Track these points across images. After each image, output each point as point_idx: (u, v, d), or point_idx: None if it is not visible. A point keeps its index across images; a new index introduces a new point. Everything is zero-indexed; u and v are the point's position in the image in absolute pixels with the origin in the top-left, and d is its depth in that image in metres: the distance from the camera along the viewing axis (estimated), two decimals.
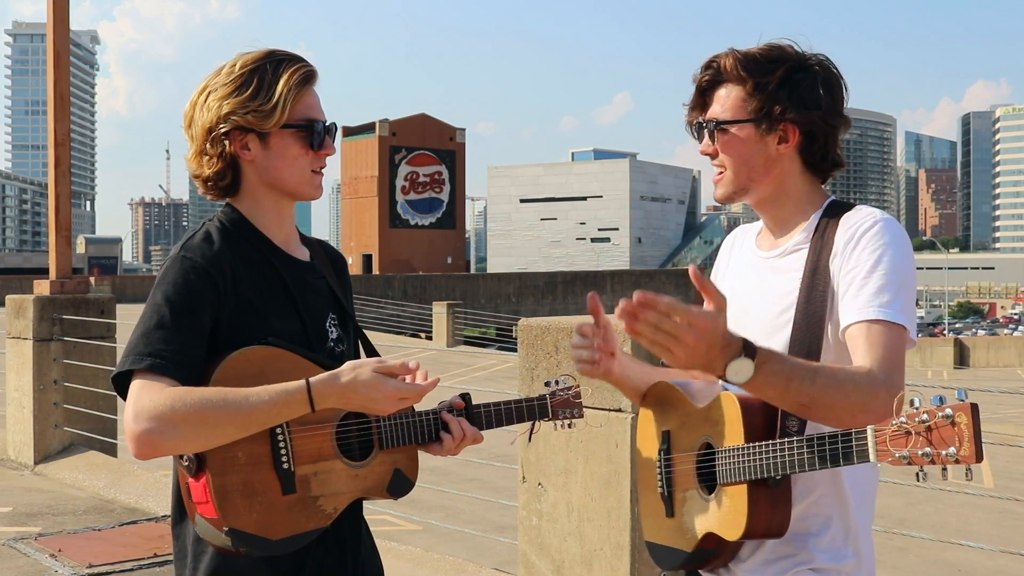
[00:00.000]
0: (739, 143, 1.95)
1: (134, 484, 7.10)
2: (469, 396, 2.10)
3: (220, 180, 1.96)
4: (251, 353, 1.83)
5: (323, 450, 1.88)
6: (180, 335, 1.79)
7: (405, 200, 70.18)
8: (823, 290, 1.86)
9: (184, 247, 1.89)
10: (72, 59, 65.29)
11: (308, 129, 1.94)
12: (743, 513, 1.79)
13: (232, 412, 1.73)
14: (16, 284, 27.31)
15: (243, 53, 1.96)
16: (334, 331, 2.04)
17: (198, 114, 1.93)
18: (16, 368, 8.00)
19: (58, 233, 8.41)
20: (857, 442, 1.58)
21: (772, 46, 1.96)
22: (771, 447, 1.73)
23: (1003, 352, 35.69)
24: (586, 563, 3.49)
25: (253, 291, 1.91)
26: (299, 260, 2.04)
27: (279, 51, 1.96)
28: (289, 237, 2.05)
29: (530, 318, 3.73)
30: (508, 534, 5.60)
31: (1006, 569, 6.79)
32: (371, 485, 1.95)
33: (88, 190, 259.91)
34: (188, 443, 1.74)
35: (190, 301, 1.82)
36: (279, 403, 1.76)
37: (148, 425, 1.71)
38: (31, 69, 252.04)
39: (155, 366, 1.75)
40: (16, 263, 78.96)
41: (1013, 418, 16.31)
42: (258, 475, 1.80)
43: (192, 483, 1.81)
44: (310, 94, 1.96)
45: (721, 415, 1.85)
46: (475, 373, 19.43)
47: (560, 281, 50.91)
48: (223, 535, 1.79)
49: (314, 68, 1.96)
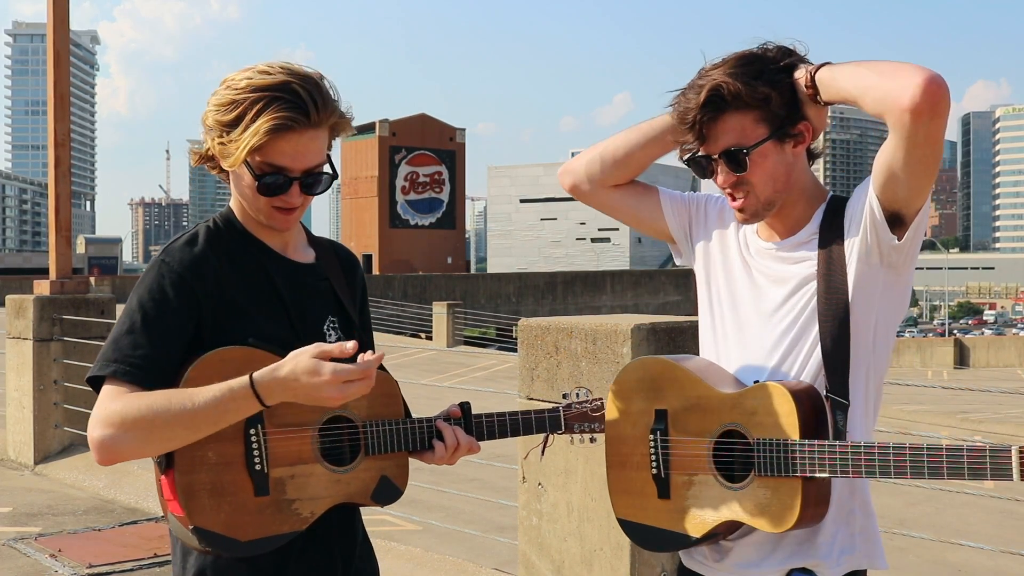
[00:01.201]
0: (764, 162, 1.91)
1: (134, 484, 7.10)
2: (468, 405, 2.06)
3: (212, 166, 1.94)
4: (227, 353, 1.81)
5: (302, 453, 1.85)
6: (148, 341, 1.79)
7: (405, 200, 70.16)
8: (842, 279, 1.87)
9: (165, 251, 1.89)
10: (72, 59, 65.31)
11: (259, 178, 1.86)
12: (795, 508, 1.78)
13: (176, 414, 1.71)
14: (16, 284, 27.31)
15: (260, 70, 1.86)
16: (332, 334, 2.00)
17: (210, 101, 1.89)
18: (16, 368, 8.00)
19: (58, 233, 8.41)
20: (997, 460, 1.60)
21: (746, 55, 1.91)
22: (872, 450, 1.72)
23: (1003, 352, 35.68)
24: (586, 563, 3.49)
25: (239, 292, 1.89)
26: (297, 263, 2.01)
27: (290, 82, 1.83)
28: (288, 239, 2.01)
29: (530, 318, 3.73)
30: (508, 534, 5.60)
31: (1006, 569, 6.79)
32: (355, 491, 1.92)
33: (88, 190, 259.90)
34: (141, 448, 1.74)
35: (163, 307, 1.81)
36: (225, 400, 1.72)
37: (102, 432, 1.73)
38: (31, 69, 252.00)
39: (119, 372, 1.76)
40: (16, 263, 78.91)
41: (1013, 418, 16.30)
42: (229, 475, 1.79)
43: (164, 480, 1.82)
44: (288, 141, 1.83)
45: (761, 406, 1.82)
46: (475, 373, 19.42)
47: (560, 281, 50.88)
48: (189, 533, 1.79)
49: (300, 116, 1.81)
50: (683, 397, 1.94)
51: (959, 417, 16.04)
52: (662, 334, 3.38)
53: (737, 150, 1.89)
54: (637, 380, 2.01)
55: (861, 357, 1.90)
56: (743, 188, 1.92)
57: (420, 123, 71.64)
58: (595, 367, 3.42)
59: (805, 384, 1.87)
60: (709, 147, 1.92)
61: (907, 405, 17.73)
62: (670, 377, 1.96)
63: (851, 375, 1.88)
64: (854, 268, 1.87)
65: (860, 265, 1.87)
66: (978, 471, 1.60)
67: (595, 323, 3.48)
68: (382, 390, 1.94)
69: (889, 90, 1.72)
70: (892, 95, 1.71)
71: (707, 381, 1.92)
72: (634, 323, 3.37)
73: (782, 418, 1.79)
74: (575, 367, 3.48)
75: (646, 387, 1.99)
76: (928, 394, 20.91)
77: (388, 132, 69.52)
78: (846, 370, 1.87)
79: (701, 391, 1.91)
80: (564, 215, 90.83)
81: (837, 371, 1.87)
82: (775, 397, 1.81)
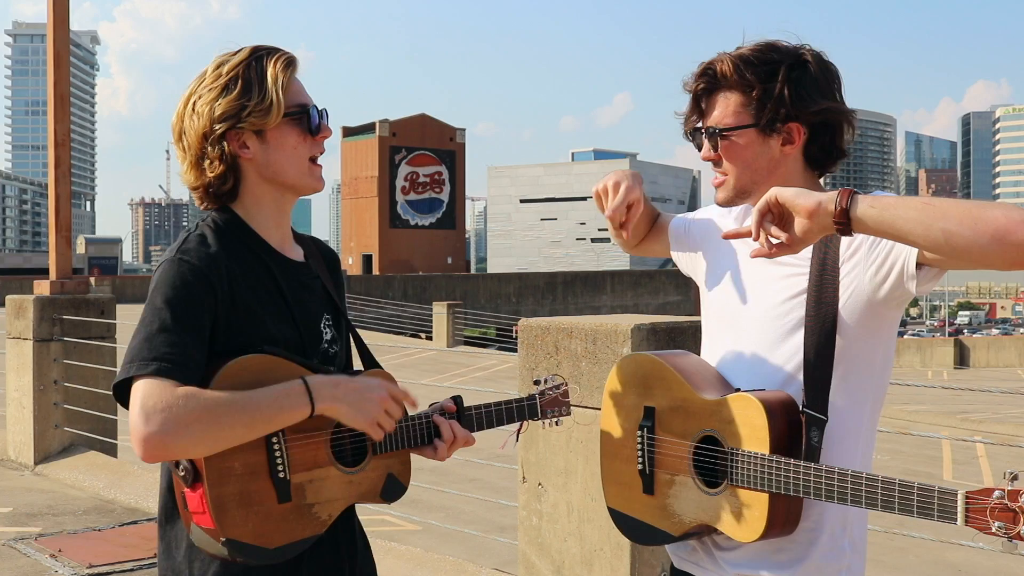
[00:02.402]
0: (741, 148, 1.93)
1: (134, 484, 7.10)
2: (460, 399, 2.10)
3: (222, 184, 1.91)
4: (247, 362, 1.82)
5: (318, 457, 1.87)
6: (183, 338, 1.76)
7: (405, 200, 70.12)
8: (833, 292, 1.84)
9: (180, 250, 1.86)
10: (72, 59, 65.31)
11: (303, 115, 1.93)
12: (761, 520, 1.79)
13: (239, 410, 1.73)
14: (16, 284, 27.31)
15: (221, 55, 1.93)
16: (328, 332, 2.03)
17: (188, 123, 1.90)
18: (16, 368, 8.00)
19: (58, 233, 8.41)
20: (942, 502, 1.55)
21: (765, 45, 1.94)
22: (832, 475, 1.69)
23: (1003, 352, 35.69)
24: (586, 563, 3.49)
25: (249, 293, 1.88)
26: (294, 261, 2.02)
27: (258, 46, 1.94)
28: (285, 237, 2.02)
29: (530, 318, 3.73)
30: (508, 534, 5.60)
31: (1006, 569, 6.79)
32: (365, 490, 1.96)
33: (88, 190, 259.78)
34: (198, 444, 1.71)
35: (190, 304, 1.79)
36: (280, 397, 1.77)
37: (159, 425, 1.68)
38: (31, 69, 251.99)
39: (161, 370, 1.72)
40: (16, 263, 78.91)
41: (1013, 418, 16.30)
42: (254, 485, 1.80)
43: (188, 493, 1.79)
44: (295, 81, 1.94)
45: (737, 416, 1.82)
46: (475, 373, 19.42)
47: (560, 281, 50.87)
48: (219, 545, 1.78)
49: (294, 54, 1.95)
50: (670, 397, 1.95)
51: (959, 417, 16.05)
52: (662, 334, 3.38)
53: (714, 129, 1.95)
54: (631, 374, 2.04)
55: (848, 372, 1.86)
56: (721, 169, 1.99)
57: (420, 123, 71.59)
58: (595, 367, 3.42)
59: (784, 397, 1.84)
60: (705, 120, 1.99)
61: (907, 405, 17.73)
62: (659, 376, 1.98)
63: (832, 390, 1.83)
64: (851, 292, 1.84)
65: (857, 292, 1.83)
66: (925, 510, 1.57)
67: (595, 323, 3.48)
68: None
69: (977, 248, 1.58)
70: (983, 258, 1.59)
71: (692, 384, 1.92)
72: (634, 323, 3.37)
73: (754, 431, 1.79)
74: (575, 367, 3.48)
75: (638, 382, 2.02)
76: (928, 394, 20.91)
77: (388, 132, 69.49)
78: (827, 385, 1.83)
79: (685, 393, 1.92)
80: (564, 215, 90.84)
81: (816, 385, 1.83)
82: (750, 409, 1.80)
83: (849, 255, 1.85)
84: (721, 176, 1.99)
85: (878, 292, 1.82)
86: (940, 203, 1.60)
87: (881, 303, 1.84)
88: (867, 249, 1.82)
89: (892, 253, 1.78)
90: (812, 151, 1.96)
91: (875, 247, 1.81)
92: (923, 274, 1.76)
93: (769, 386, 1.88)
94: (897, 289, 1.79)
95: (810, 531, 1.88)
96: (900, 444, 12.12)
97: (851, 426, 1.89)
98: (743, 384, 1.90)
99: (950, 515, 1.54)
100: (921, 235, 1.60)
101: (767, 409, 1.78)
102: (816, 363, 1.83)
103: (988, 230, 1.55)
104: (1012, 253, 1.55)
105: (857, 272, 1.83)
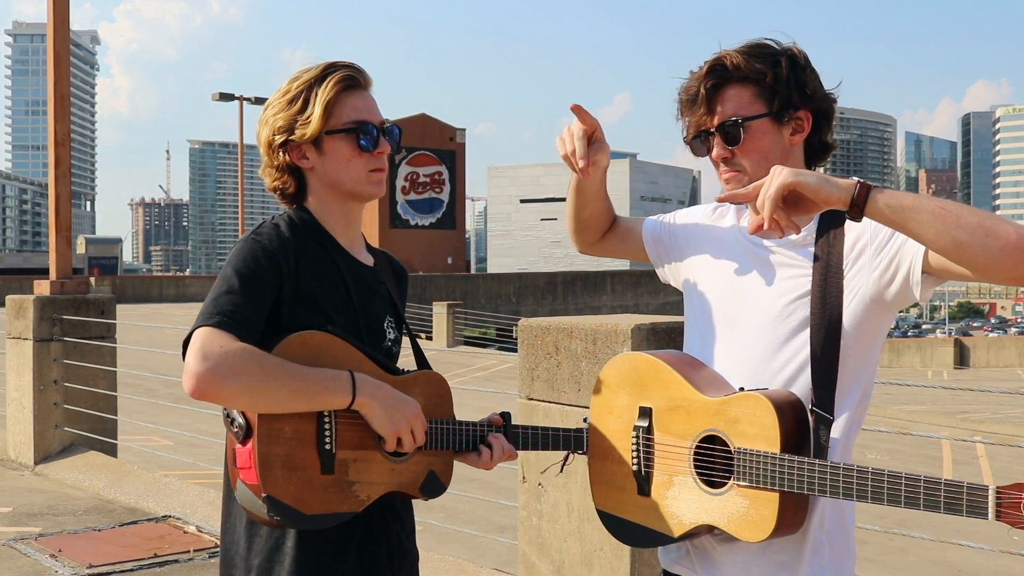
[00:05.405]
0: (760, 138, 1.95)
1: (134, 484, 7.10)
2: (509, 415, 2.20)
3: (286, 189, 2.08)
4: (309, 337, 1.91)
5: (364, 441, 1.96)
6: (247, 301, 1.88)
7: (405, 200, 70.17)
8: (837, 294, 1.86)
9: (255, 232, 2.00)
10: (72, 59, 65.27)
11: (355, 132, 2.04)
12: (771, 519, 1.78)
13: (289, 377, 1.83)
14: (16, 284, 27.34)
15: (300, 69, 2.07)
16: (391, 332, 2.16)
17: (261, 130, 2.07)
18: (16, 368, 8.01)
19: (58, 233, 8.41)
20: (972, 497, 1.55)
21: (758, 43, 1.98)
22: (851, 472, 1.68)
23: (1003, 352, 35.74)
24: (586, 563, 3.49)
25: (313, 281, 1.99)
26: (362, 263, 2.15)
27: (333, 63, 2.06)
28: (355, 241, 2.15)
29: (530, 318, 3.73)
30: (508, 534, 5.61)
31: (1006, 569, 6.79)
32: (406, 481, 2.04)
33: (88, 190, 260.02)
34: (243, 394, 1.81)
35: (256, 276, 1.91)
36: (327, 379, 1.87)
37: (213, 365, 1.78)
38: (31, 69, 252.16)
39: (223, 323, 1.83)
40: (16, 263, 78.95)
41: (1013, 418, 16.31)
42: (301, 451, 1.88)
43: (239, 449, 1.89)
44: (359, 97, 2.06)
45: (743, 415, 1.81)
46: (475, 373, 19.43)
47: (560, 281, 50.88)
48: (260, 501, 1.86)
49: (359, 74, 2.06)
50: (668, 397, 1.94)
51: (959, 417, 16.05)
52: (662, 334, 3.38)
53: (733, 121, 1.94)
54: (624, 374, 2.02)
55: (849, 372, 1.88)
56: (734, 165, 1.97)
57: (420, 123, 71.61)
58: (595, 367, 3.41)
59: (790, 396, 1.84)
60: (709, 121, 1.97)
61: (907, 405, 17.75)
62: (656, 375, 1.96)
63: (838, 390, 1.85)
64: (856, 294, 1.85)
65: (862, 294, 1.85)
66: (953, 506, 1.56)
67: (595, 323, 3.48)
68: (436, 391, 2.12)
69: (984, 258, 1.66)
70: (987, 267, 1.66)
71: (692, 383, 1.91)
72: (634, 323, 3.37)
73: (764, 430, 1.78)
74: (575, 367, 3.48)
75: (632, 382, 2.00)
76: (928, 394, 20.93)
77: None
78: (833, 384, 1.85)
79: (685, 393, 1.91)
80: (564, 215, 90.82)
81: (824, 385, 1.84)
82: (759, 408, 1.79)
83: (854, 257, 1.87)
84: (732, 172, 1.98)
85: (884, 294, 1.84)
86: (955, 208, 1.68)
87: (885, 305, 1.86)
88: (872, 252, 1.85)
89: (898, 256, 1.82)
90: (813, 142, 2.01)
91: (880, 250, 1.84)
92: (925, 282, 1.81)
93: (772, 386, 1.88)
94: (902, 292, 1.83)
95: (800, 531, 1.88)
96: (900, 444, 12.12)
97: (848, 424, 1.91)
98: (744, 383, 1.90)
99: (980, 510, 1.54)
100: (932, 238, 1.67)
101: (777, 408, 1.78)
102: (823, 363, 1.85)
103: (998, 244, 1.63)
104: (1019, 270, 1.64)
105: (863, 274, 1.85)
